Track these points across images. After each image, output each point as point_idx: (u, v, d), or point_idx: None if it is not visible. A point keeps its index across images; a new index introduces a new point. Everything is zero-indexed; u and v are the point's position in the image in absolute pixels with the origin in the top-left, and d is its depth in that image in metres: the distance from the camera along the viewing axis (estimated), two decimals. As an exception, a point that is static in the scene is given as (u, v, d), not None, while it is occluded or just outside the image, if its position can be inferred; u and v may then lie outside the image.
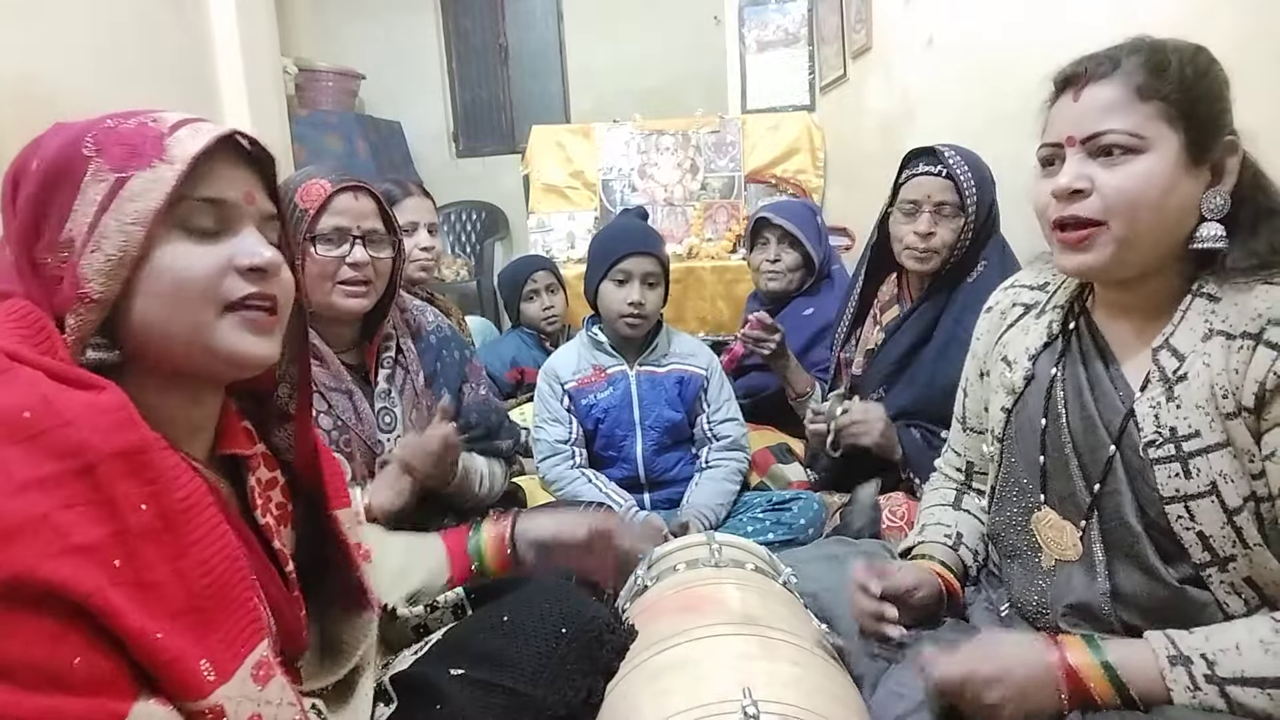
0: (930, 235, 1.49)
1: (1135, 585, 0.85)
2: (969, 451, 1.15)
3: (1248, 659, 0.73)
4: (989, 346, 1.07)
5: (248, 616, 0.62)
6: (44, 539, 0.50)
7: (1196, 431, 0.80)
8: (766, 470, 1.85)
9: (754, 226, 2.27)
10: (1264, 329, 0.76)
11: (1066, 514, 0.91)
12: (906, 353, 1.56)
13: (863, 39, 2.84)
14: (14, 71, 1.52)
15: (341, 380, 1.28)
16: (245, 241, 0.67)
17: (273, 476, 0.78)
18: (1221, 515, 0.78)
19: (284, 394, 0.81)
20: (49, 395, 0.54)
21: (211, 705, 0.56)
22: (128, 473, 0.55)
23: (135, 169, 0.62)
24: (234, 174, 0.68)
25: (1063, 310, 0.97)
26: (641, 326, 1.72)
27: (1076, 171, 0.83)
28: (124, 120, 0.65)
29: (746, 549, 1.13)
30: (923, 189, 1.49)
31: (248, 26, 2.46)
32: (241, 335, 0.67)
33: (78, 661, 0.50)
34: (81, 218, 0.61)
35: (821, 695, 0.80)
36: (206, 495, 0.62)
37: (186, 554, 0.57)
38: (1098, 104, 0.82)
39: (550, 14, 5.23)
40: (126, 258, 0.61)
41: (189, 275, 0.64)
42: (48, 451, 0.52)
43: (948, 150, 1.49)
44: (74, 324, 0.61)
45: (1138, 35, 0.86)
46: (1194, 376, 0.80)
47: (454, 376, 1.46)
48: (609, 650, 0.88)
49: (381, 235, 1.30)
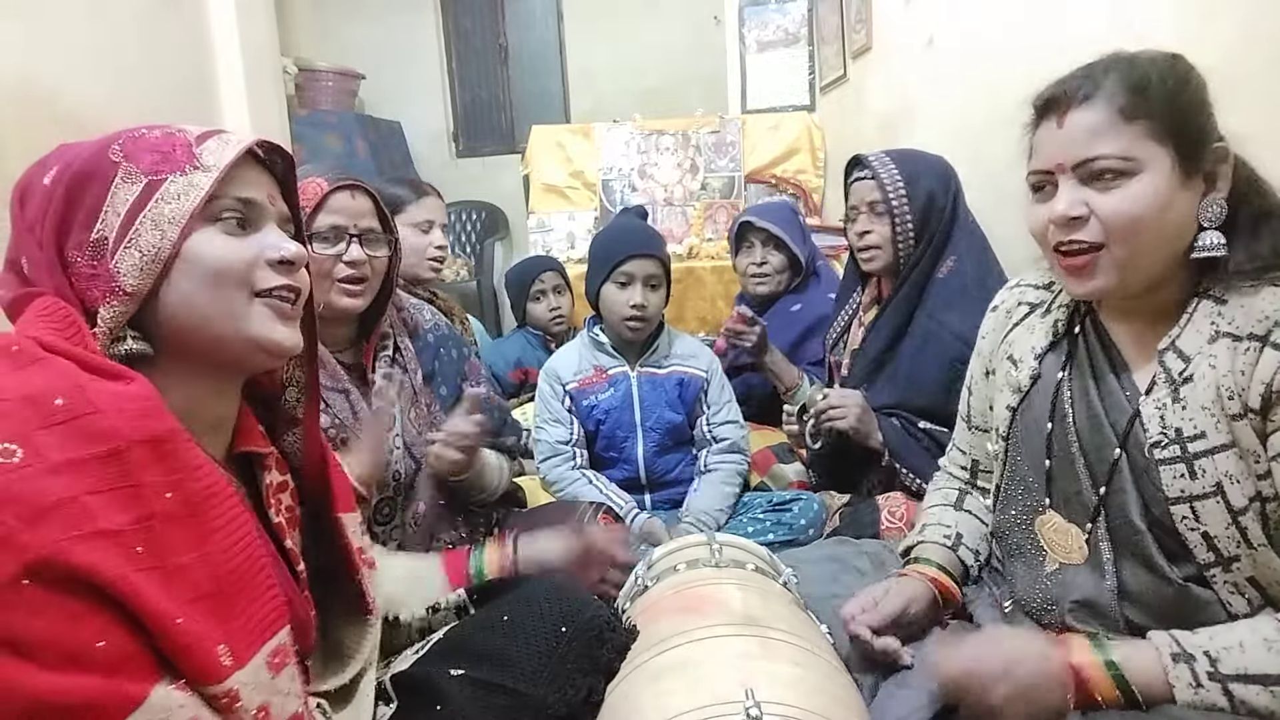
0: (867, 233, 1.59)
1: (1141, 583, 0.85)
2: (974, 449, 1.15)
3: (1251, 656, 0.73)
4: (994, 345, 1.07)
5: (270, 604, 0.63)
6: (73, 521, 0.52)
7: (1202, 433, 0.80)
8: (767, 470, 1.86)
9: (738, 231, 2.28)
10: (1270, 331, 0.77)
11: (1072, 516, 0.92)
12: (884, 350, 1.59)
13: (863, 39, 2.84)
14: (14, 71, 1.52)
15: (338, 380, 1.28)
16: (271, 237, 0.72)
17: (284, 479, 0.80)
18: (1226, 516, 0.78)
19: (292, 398, 0.82)
20: (81, 383, 0.57)
21: (227, 690, 0.57)
22: (154, 460, 0.57)
23: (169, 173, 0.66)
24: (258, 177, 0.74)
25: (1068, 310, 0.98)
26: (644, 329, 1.72)
27: (1072, 198, 0.83)
28: (148, 131, 0.69)
29: (747, 549, 1.13)
30: (858, 194, 1.63)
31: (248, 26, 2.46)
32: (273, 323, 0.71)
33: (100, 643, 0.52)
34: (113, 218, 0.65)
35: (823, 696, 0.80)
36: (227, 486, 0.64)
37: (209, 540, 0.59)
38: (1083, 129, 0.82)
39: (550, 14, 5.23)
40: (161, 254, 0.65)
41: (226, 263, 0.68)
42: (79, 437, 0.54)
43: (874, 155, 1.61)
44: (107, 316, 0.64)
45: (1112, 52, 0.86)
46: (1200, 378, 0.81)
47: (452, 375, 1.46)
48: (609, 650, 0.88)
49: (378, 234, 1.29)
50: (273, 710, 0.61)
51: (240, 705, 0.57)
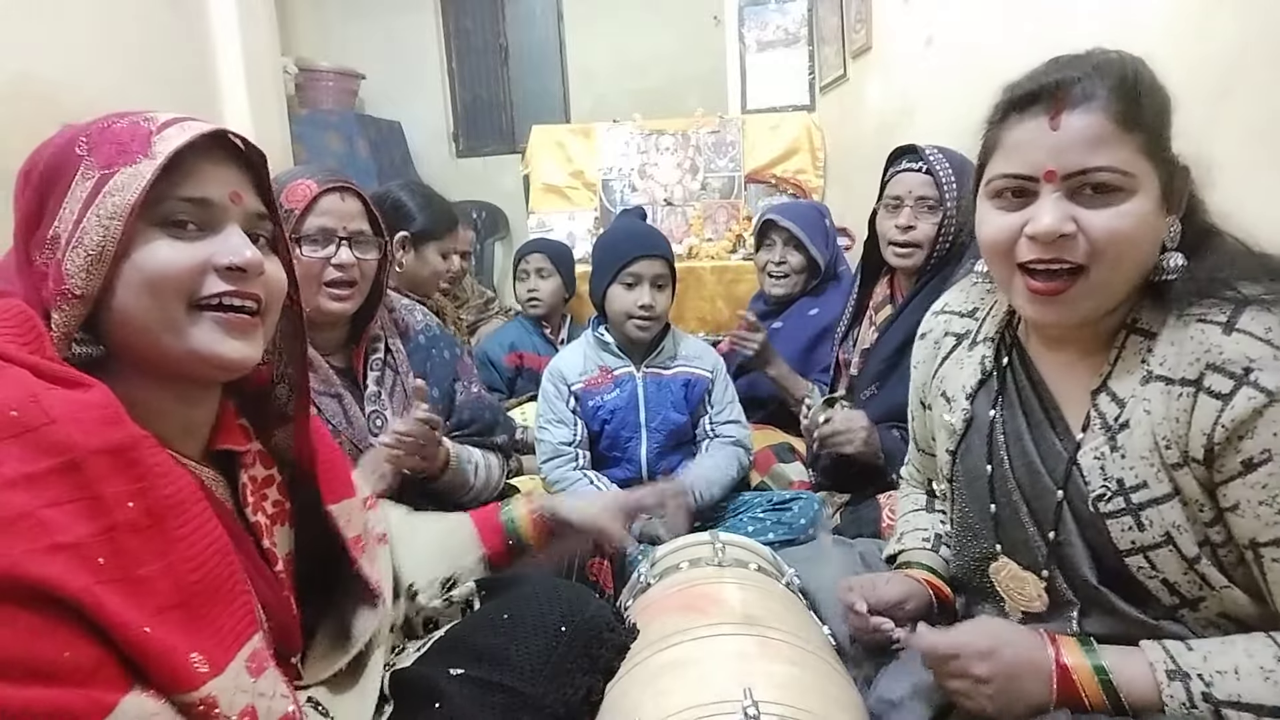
0: (910, 229, 1.54)
1: (1109, 628, 0.82)
2: (926, 469, 1.12)
3: (1246, 685, 0.70)
4: (926, 378, 1.02)
5: (241, 609, 0.62)
6: (30, 536, 0.50)
7: (1144, 482, 0.76)
8: (767, 470, 1.86)
9: (761, 227, 2.27)
10: (1202, 374, 0.72)
11: (1025, 564, 0.87)
12: (898, 350, 1.57)
13: (863, 39, 2.84)
14: (14, 70, 1.52)
15: (330, 384, 1.27)
16: (228, 241, 0.67)
17: (269, 474, 0.78)
18: (1182, 563, 0.75)
19: (282, 394, 0.81)
20: (36, 393, 0.54)
21: (204, 697, 0.56)
22: (114, 469, 0.55)
23: (120, 166, 0.63)
24: (220, 173, 0.68)
25: (994, 343, 0.92)
26: (652, 328, 1.72)
27: (1060, 212, 0.74)
28: (119, 120, 0.66)
29: (750, 549, 1.13)
30: (905, 184, 1.56)
31: (248, 26, 2.46)
32: (219, 336, 0.66)
33: (67, 655, 0.51)
34: (68, 215, 0.62)
35: (821, 696, 0.80)
36: (196, 491, 0.62)
37: (175, 549, 0.58)
38: (1084, 135, 0.73)
39: (550, 14, 5.23)
40: (105, 253, 0.62)
41: (164, 271, 0.64)
42: (34, 449, 0.52)
43: (929, 148, 1.55)
44: (59, 320, 0.61)
45: (1092, 49, 0.78)
46: (1135, 424, 0.77)
47: (444, 376, 1.45)
48: (609, 649, 0.88)
49: (368, 237, 1.28)
50: (259, 713, 0.60)
51: (219, 712, 0.56)
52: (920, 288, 1.56)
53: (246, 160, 0.71)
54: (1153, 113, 0.75)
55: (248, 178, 0.71)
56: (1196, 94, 1.12)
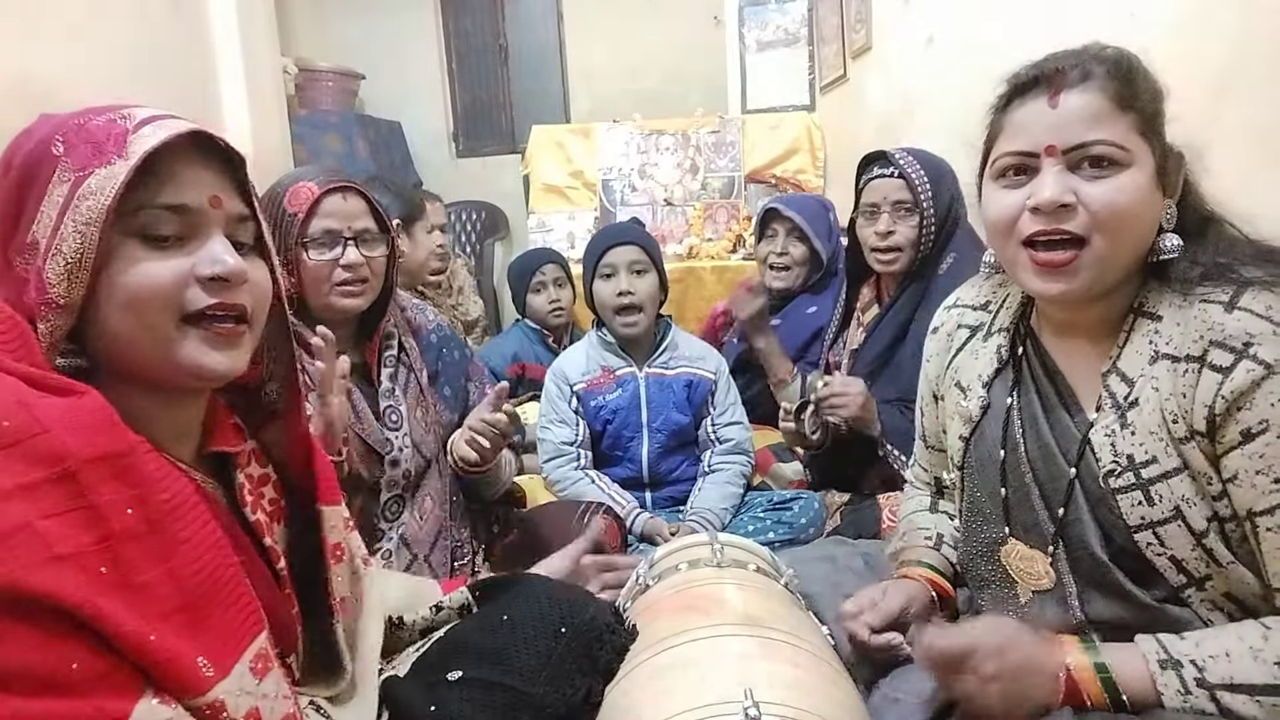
0: (890, 234, 1.55)
1: (1111, 611, 0.83)
2: (934, 467, 1.14)
3: (1237, 666, 0.71)
4: (940, 370, 1.05)
5: (244, 611, 0.62)
6: (28, 549, 0.49)
7: (1154, 458, 0.79)
8: (768, 469, 1.86)
9: (763, 217, 2.24)
10: (1206, 351, 0.75)
11: (1033, 544, 0.90)
12: (886, 350, 1.58)
13: (863, 39, 2.84)
14: (13, 70, 1.52)
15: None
16: (210, 249, 0.65)
17: (264, 473, 0.78)
18: (1190, 539, 0.77)
19: (273, 391, 0.80)
20: (27, 402, 0.53)
21: (211, 701, 0.56)
22: (110, 477, 0.55)
23: (94, 167, 0.60)
24: (198, 176, 0.66)
25: (1009, 333, 0.95)
26: (638, 320, 1.72)
27: (1063, 184, 0.78)
28: (95, 116, 0.63)
29: (749, 549, 1.13)
30: (879, 191, 1.57)
31: (248, 26, 2.46)
32: (205, 350, 0.65)
33: (76, 665, 0.50)
34: (46, 220, 0.60)
35: (822, 697, 0.80)
36: (194, 495, 0.61)
37: (175, 554, 0.57)
38: (1082, 112, 0.78)
39: (550, 14, 5.22)
40: (85, 262, 0.60)
41: (146, 288, 0.62)
42: (27, 459, 0.52)
43: (898, 152, 1.56)
44: (44, 330, 0.60)
45: (1089, 42, 0.82)
46: (1144, 402, 0.80)
47: (456, 375, 1.46)
48: (609, 650, 0.88)
49: (374, 234, 1.28)
50: (263, 715, 0.60)
51: (227, 715, 0.56)
52: (905, 287, 1.57)
53: (225, 158, 0.69)
54: (1146, 96, 0.79)
55: (228, 178, 0.69)
56: (1196, 93, 1.12)
